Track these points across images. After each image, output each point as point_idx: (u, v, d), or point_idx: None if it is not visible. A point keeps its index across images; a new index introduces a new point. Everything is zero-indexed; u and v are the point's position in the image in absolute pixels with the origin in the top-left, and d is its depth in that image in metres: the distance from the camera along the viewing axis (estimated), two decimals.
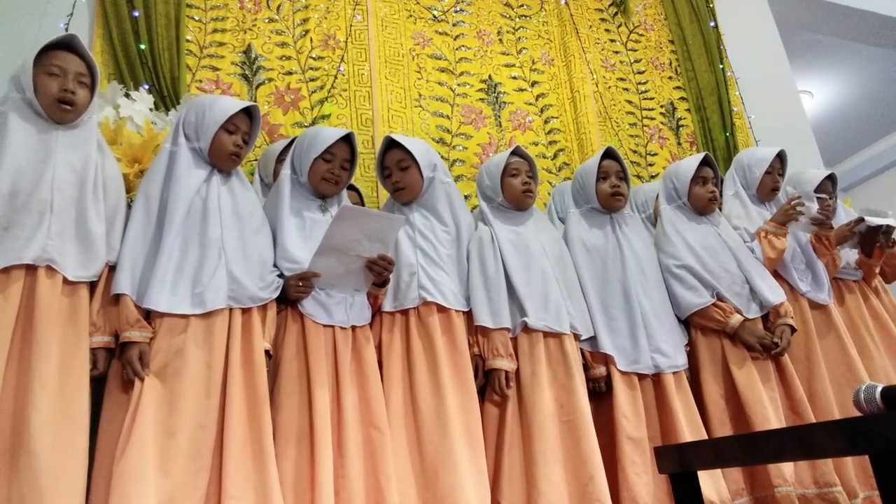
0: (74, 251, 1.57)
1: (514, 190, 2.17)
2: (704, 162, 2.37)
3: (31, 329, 1.45)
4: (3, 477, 1.34)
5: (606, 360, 2.06)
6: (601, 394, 2.05)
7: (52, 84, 1.63)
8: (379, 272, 1.83)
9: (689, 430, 1.96)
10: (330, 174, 1.93)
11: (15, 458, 1.35)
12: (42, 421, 1.37)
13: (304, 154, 1.94)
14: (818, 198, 2.32)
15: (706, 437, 1.99)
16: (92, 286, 1.61)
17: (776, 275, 2.32)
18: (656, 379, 2.07)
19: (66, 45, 1.68)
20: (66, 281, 1.53)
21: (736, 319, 2.14)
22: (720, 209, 2.48)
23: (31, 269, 1.50)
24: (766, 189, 2.50)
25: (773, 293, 2.21)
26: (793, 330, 2.18)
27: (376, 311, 1.96)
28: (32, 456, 1.34)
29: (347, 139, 1.98)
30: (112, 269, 1.64)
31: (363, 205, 2.38)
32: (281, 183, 1.94)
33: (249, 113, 1.87)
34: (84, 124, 1.69)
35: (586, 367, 2.06)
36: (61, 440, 1.40)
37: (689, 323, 2.23)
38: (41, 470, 1.34)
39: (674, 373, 2.07)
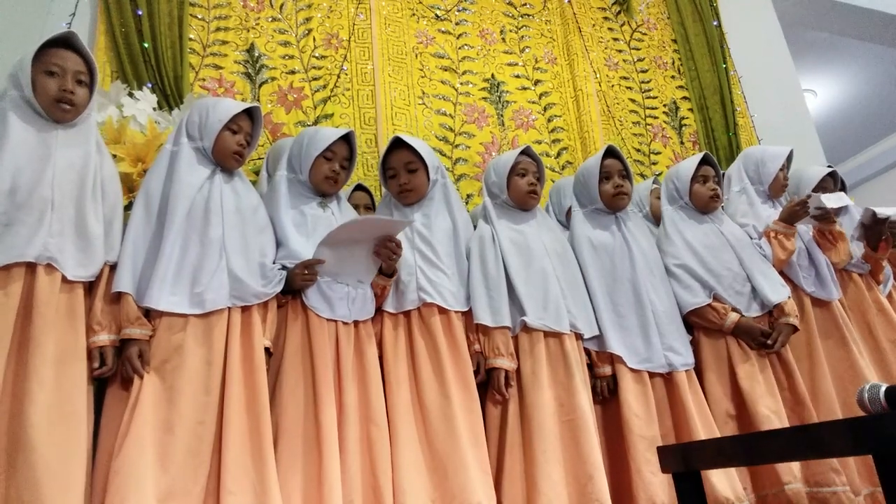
0: (73, 250, 1.57)
1: (519, 190, 2.17)
2: (704, 161, 2.38)
3: (30, 327, 1.45)
4: (1, 475, 1.34)
5: (612, 359, 2.05)
6: (610, 393, 2.04)
7: (51, 83, 1.62)
8: (388, 255, 1.84)
9: (703, 428, 1.95)
10: (332, 172, 1.94)
11: (12, 456, 1.35)
12: (39, 419, 1.37)
13: (305, 153, 1.95)
14: (818, 215, 2.32)
15: (718, 434, 1.98)
16: (88, 286, 1.61)
17: (780, 274, 2.31)
18: (668, 377, 2.06)
19: (65, 42, 1.66)
20: (64, 279, 1.53)
21: (731, 319, 2.13)
22: (723, 207, 2.47)
23: (30, 266, 1.49)
24: (779, 185, 2.49)
25: (775, 292, 2.20)
26: (794, 329, 2.17)
27: (379, 307, 1.96)
28: (30, 454, 1.34)
29: (346, 138, 1.99)
30: (112, 268, 1.64)
31: (373, 206, 2.38)
32: (278, 183, 1.94)
33: (252, 115, 1.89)
34: (83, 122, 1.69)
35: (592, 366, 2.06)
36: (59, 438, 1.40)
37: (690, 322, 2.23)
38: (38, 468, 1.34)
39: (685, 371, 2.07)
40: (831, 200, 2.30)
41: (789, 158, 2.54)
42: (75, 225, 1.58)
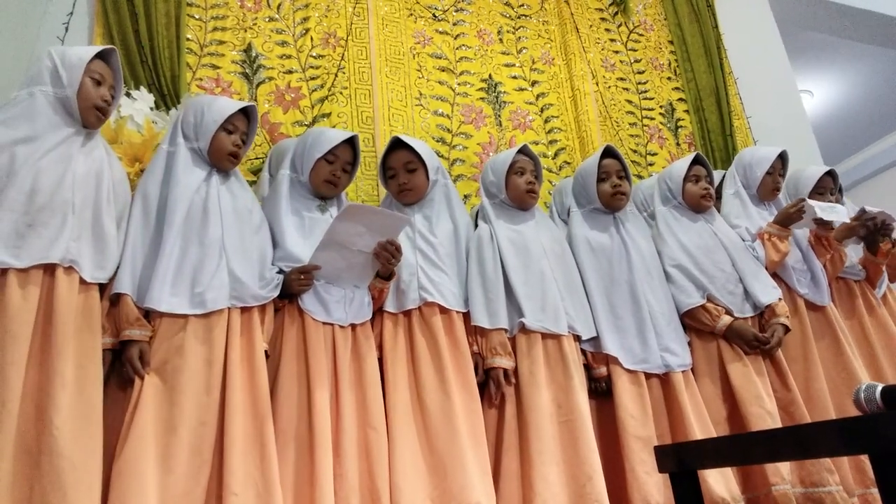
0: (91, 252, 1.57)
1: (517, 188, 2.17)
2: (696, 161, 2.39)
3: (51, 329, 1.45)
4: (25, 476, 1.34)
5: (608, 359, 2.05)
6: (606, 394, 2.04)
7: (94, 91, 1.65)
8: (387, 258, 1.83)
9: (699, 428, 1.95)
10: (332, 175, 1.94)
11: (37, 457, 1.35)
12: (63, 421, 1.38)
13: (307, 153, 1.95)
14: (818, 220, 2.28)
15: (715, 435, 1.98)
16: (102, 287, 1.61)
17: (774, 276, 2.32)
18: (664, 378, 2.06)
19: (102, 55, 1.71)
20: (81, 281, 1.54)
21: (723, 322, 2.13)
22: (717, 208, 2.48)
23: (49, 268, 1.49)
24: (767, 189, 2.50)
25: (766, 293, 2.20)
26: (786, 329, 2.17)
27: (378, 309, 1.95)
28: (55, 455, 1.34)
29: (350, 142, 1.98)
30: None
31: None
32: (279, 182, 1.94)
33: (247, 113, 1.89)
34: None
35: (589, 368, 2.06)
36: (81, 439, 1.40)
37: (684, 323, 2.22)
38: (64, 469, 1.34)
39: (682, 371, 2.07)
40: (825, 211, 2.27)
41: (784, 160, 2.54)
42: (92, 227, 1.59)
